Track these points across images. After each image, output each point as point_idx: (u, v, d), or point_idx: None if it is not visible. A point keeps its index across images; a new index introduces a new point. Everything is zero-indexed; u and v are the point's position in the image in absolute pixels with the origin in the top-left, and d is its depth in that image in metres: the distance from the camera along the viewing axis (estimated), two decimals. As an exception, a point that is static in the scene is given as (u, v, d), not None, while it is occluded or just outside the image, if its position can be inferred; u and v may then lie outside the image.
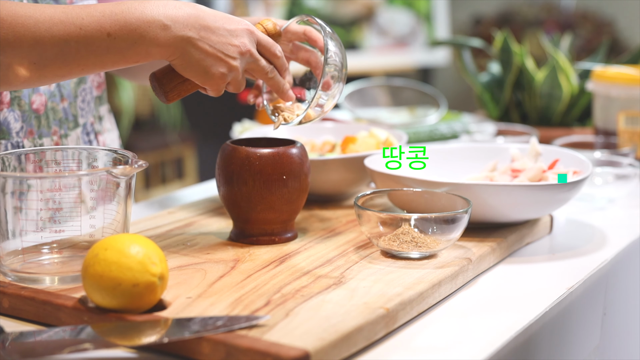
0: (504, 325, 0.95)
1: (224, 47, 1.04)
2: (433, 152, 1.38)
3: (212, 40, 1.04)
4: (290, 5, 4.05)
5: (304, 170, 1.14)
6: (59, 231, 0.99)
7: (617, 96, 1.77)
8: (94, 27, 1.00)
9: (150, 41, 1.02)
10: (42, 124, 1.24)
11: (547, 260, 1.19)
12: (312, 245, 1.14)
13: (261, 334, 0.84)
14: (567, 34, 2.24)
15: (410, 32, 4.30)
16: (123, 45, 1.01)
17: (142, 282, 0.88)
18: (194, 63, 1.04)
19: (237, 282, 0.99)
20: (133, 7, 1.01)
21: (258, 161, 1.11)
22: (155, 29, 1.01)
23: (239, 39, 1.05)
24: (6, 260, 0.99)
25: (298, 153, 1.14)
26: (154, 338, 0.84)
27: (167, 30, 1.02)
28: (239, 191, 1.12)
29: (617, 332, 1.29)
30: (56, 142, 1.25)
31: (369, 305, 0.92)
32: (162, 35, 1.02)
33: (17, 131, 1.21)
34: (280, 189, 1.12)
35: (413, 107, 2.17)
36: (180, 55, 1.03)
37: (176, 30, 1.02)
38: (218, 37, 1.04)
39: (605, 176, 1.48)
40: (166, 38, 1.02)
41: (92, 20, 1.00)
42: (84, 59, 1.01)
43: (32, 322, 0.94)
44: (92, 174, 0.99)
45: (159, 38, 1.02)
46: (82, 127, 1.32)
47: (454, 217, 1.07)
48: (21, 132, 1.22)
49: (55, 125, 1.26)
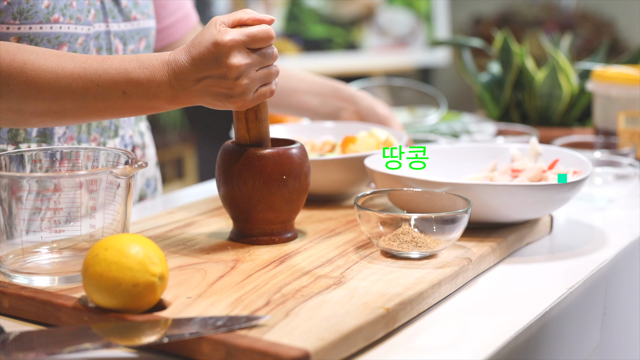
0: (504, 325, 0.95)
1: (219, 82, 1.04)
2: (433, 152, 1.38)
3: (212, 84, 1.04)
4: (290, 5, 4.05)
5: (304, 170, 1.14)
6: (59, 231, 0.99)
7: (617, 96, 1.77)
8: (110, 85, 1.04)
9: (163, 100, 1.05)
10: (82, 130, 1.27)
11: (547, 260, 1.19)
12: (312, 245, 1.13)
13: (261, 334, 0.84)
14: (567, 34, 2.24)
15: (410, 32, 4.30)
16: (138, 102, 1.05)
17: (142, 282, 0.88)
18: (211, 102, 1.06)
19: (237, 282, 0.99)
20: (144, 66, 1.04)
21: (258, 161, 1.11)
22: (165, 89, 1.04)
23: (230, 58, 1.02)
24: (6, 260, 0.99)
25: (298, 153, 1.14)
26: (154, 338, 0.85)
27: (173, 88, 1.04)
28: (239, 191, 1.12)
29: (617, 332, 1.29)
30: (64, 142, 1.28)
31: (369, 305, 0.92)
32: (171, 94, 1.05)
33: (59, 136, 1.24)
34: (280, 189, 1.12)
35: (413, 107, 2.17)
36: (199, 101, 1.06)
37: (182, 86, 1.04)
38: (213, 80, 1.03)
39: (605, 176, 1.48)
40: (173, 97, 1.05)
41: (108, 78, 1.04)
42: (102, 111, 1.07)
43: (32, 322, 0.94)
44: (93, 174, 0.99)
45: (169, 97, 1.05)
46: (120, 138, 1.35)
47: (454, 217, 1.07)
48: (62, 138, 1.24)
49: (96, 132, 1.29)
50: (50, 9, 1.18)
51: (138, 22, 1.33)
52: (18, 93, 1.04)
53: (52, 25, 1.18)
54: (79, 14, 1.22)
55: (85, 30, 1.23)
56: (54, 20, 1.18)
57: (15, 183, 0.97)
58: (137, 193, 1.46)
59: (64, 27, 1.20)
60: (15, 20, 1.16)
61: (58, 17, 1.19)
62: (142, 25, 1.34)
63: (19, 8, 1.16)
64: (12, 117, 1.07)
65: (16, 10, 1.16)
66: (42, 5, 1.17)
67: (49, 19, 1.18)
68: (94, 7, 1.25)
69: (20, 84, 1.04)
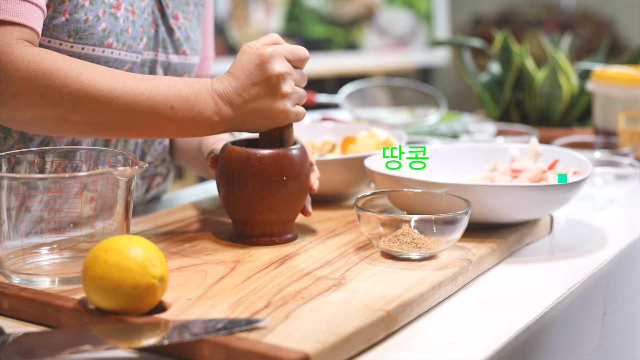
0: (504, 326, 0.95)
1: (268, 80, 1.08)
2: (433, 152, 1.38)
3: (254, 99, 1.08)
4: (290, 5, 4.05)
5: (304, 171, 1.14)
6: (60, 232, 0.99)
7: (617, 96, 1.77)
8: (160, 99, 1.07)
9: (207, 119, 1.08)
10: None
11: (547, 260, 1.19)
12: (312, 246, 1.13)
13: (261, 337, 0.84)
14: (567, 34, 2.24)
15: (410, 32, 4.30)
16: (183, 118, 1.08)
17: (143, 283, 0.88)
18: (256, 125, 1.10)
19: (237, 284, 0.99)
20: (191, 84, 1.09)
21: (258, 162, 1.11)
22: (210, 106, 1.08)
23: (273, 65, 1.08)
24: (6, 261, 0.99)
25: (298, 154, 1.13)
26: (154, 340, 0.84)
27: (218, 106, 1.08)
28: (239, 192, 1.12)
29: (617, 332, 1.29)
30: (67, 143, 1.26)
31: (369, 307, 0.92)
32: (215, 111, 1.08)
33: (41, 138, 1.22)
34: (280, 190, 1.12)
35: (413, 107, 2.17)
36: (241, 122, 1.10)
37: (227, 101, 1.08)
38: (259, 89, 1.08)
39: (606, 176, 1.48)
40: (219, 113, 1.08)
41: (158, 92, 1.07)
42: (145, 127, 1.08)
43: (32, 324, 0.94)
44: (93, 175, 0.99)
45: (213, 113, 1.08)
46: None
47: (454, 218, 1.07)
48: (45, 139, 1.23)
49: None
50: (107, 33, 1.16)
51: (186, 57, 1.32)
52: (68, 101, 1.03)
53: (105, 50, 1.16)
54: (131, 41, 1.20)
55: (134, 57, 1.22)
56: (107, 45, 1.17)
57: (16, 184, 0.96)
58: None
59: (115, 53, 1.18)
60: (70, 38, 1.14)
61: (112, 41, 1.17)
62: (189, 61, 1.33)
63: (75, 27, 1.14)
64: (51, 125, 1.06)
65: (72, 29, 1.13)
66: (100, 28, 1.15)
67: (103, 42, 1.16)
68: (147, 36, 1.24)
69: (73, 92, 1.03)
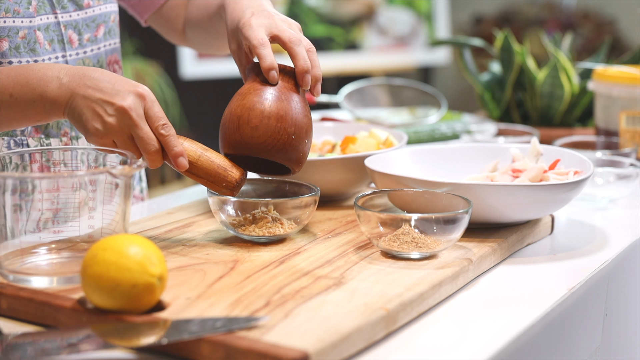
0: (505, 326, 0.95)
1: (103, 104, 1.05)
2: (433, 152, 1.38)
3: (94, 97, 1.05)
4: (290, 5, 4.05)
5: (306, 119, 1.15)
6: (58, 231, 0.99)
7: (618, 96, 1.77)
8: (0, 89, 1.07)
9: (47, 99, 1.07)
10: (50, 124, 1.24)
11: (548, 260, 1.18)
12: (312, 245, 1.13)
13: (261, 335, 0.84)
14: (568, 33, 2.24)
15: (411, 31, 4.30)
16: (23, 104, 1.07)
17: (141, 283, 0.88)
18: (76, 117, 1.07)
19: (236, 283, 0.98)
20: (37, 69, 1.08)
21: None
22: (52, 87, 1.07)
23: (123, 99, 1.05)
24: (5, 260, 0.99)
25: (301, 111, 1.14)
26: (153, 339, 0.84)
27: (61, 88, 1.07)
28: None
29: (619, 333, 1.28)
30: (65, 143, 1.25)
31: (369, 306, 0.91)
32: (56, 92, 1.07)
33: (22, 129, 1.21)
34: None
35: (413, 107, 2.17)
36: (70, 111, 1.07)
37: (68, 87, 1.06)
38: (101, 94, 1.05)
39: (607, 176, 1.47)
40: (59, 93, 1.07)
41: None
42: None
43: (31, 323, 0.94)
44: (91, 174, 0.98)
45: (54, 95, 1.06)
46: None
47: (455, 218, 1.07)
48: (26, 131, 1.22)
49: (66, 126, 1.26)
50: None
51: (92, 10, 1.28)
52: None
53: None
54: (16, 6, 1.18)
55: (26, 23, 1.19)
56: None
57: (14, 183, 0.96)
58: None
59: (0, 21, 1.17)
60: None
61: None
62: (98, 12, 1.29)
63: None
64: None
65: None
66: None
67: None
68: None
69: None
